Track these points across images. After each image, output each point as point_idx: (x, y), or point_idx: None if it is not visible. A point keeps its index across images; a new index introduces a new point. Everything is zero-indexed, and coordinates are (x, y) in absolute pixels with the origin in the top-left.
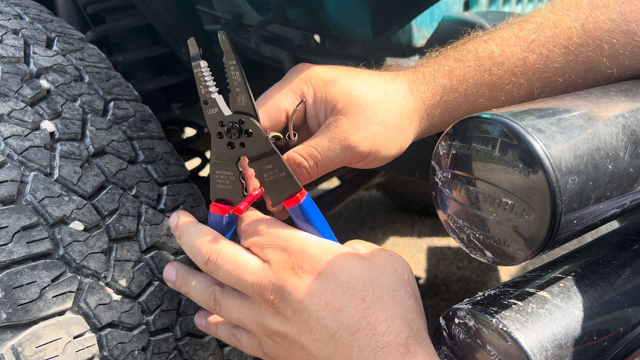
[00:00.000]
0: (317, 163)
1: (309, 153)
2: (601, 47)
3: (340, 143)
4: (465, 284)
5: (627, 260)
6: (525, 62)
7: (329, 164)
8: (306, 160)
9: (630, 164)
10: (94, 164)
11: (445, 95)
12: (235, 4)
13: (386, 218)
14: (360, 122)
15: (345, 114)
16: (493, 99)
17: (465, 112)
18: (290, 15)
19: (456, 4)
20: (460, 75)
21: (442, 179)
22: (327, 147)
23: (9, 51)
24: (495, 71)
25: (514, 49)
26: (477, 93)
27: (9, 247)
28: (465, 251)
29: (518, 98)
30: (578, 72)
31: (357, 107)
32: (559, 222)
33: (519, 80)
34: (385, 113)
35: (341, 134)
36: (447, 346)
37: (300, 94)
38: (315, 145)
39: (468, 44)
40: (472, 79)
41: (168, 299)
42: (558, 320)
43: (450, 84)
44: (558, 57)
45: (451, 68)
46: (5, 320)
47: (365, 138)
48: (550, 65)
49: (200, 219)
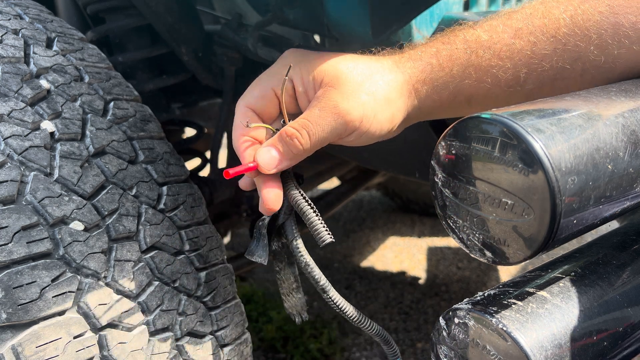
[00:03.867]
0: (310, 134)
1: (301, 124)
2: (589, 37)
3: (331, 111)
4: (465, 284)
5: (627, 260)
6: (511, 48)
7: (321, 134)
8: (298, 131)
9: (630, 164)
10: (94, 164)
11: (432, 73)
12: (235, 4)
13: (386, 218)
14: (349, 92)
15: (333, 85)
16: (479, 80)
17: (451, 93)
18: (290, 16)
19: (456, 4)
20: (447, 55)
21: (442, 179)
22: (318, 116)
23: (9, 51)
24: (482, 53)
25: (501, 35)
26: (464, 73)
27: (9, 247)
28: (465, 251)
29: (504, 82)
30: (566, 59)
31: (344, 79)
32: (558, 222)
33: (506, 64)
34: (372, 85)
35: (331, 102)
36: (447, 346)
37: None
38: (307, 116)
39: (456, 30)
40: (459, 60)
41: (168, 299)
42: (558, 320)
43: (437, 63)
44: (545, 45)
45: (438, 49)
46: (5, 320)
47: (355, 106)
48: (537, 52)
49: (200, 219)
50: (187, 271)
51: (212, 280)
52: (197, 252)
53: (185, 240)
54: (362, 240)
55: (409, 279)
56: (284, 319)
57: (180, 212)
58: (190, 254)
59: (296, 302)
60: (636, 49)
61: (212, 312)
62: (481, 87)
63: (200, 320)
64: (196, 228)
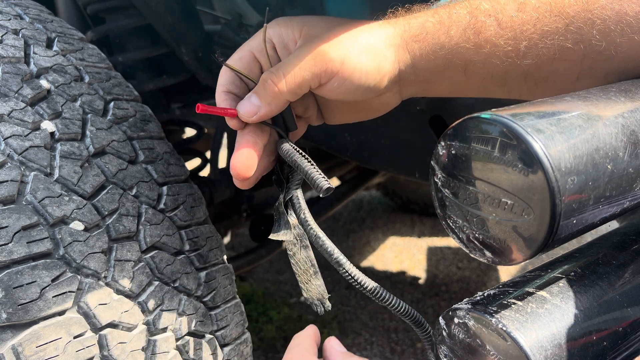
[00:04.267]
0: (285, 74)
1: (276, 67)
2: (592, 20)
3: (309, 51)
4: (465, 284)
5: (627, 260)
6: (513, 19)
7: (298, 73)
8: (274, 72)
9: (630, 164)
10: (94, 164)
11: (427, 31)
12: (235, 4)
13: (386, 218)
14: (330, 37)
15: (314, 33)
16: (477, 45)
17: (447, 54)
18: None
19: None
20: (446, 15)
21: (441, 179)
22: (295, 56)
23: (9, 51)
24: (483, 19)
25: (504, 7)
26: (462, 36)
27: (9, 247)
28: (465, 251)
29: (503, 52)
30: (567, 39)
31: (325, 28)
32: (558, 222)
33: (506, 33)
34: (357, 32)
35: (309, 46)
36: (447, 346)
37: (268, 37)
38: (287, 61)
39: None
40: (458, 22)
41: (168, 299)
42: (557, 320)
43: (434, 21)
44: (548, 21)
45: (437, 10)
46: (5, 320)
47: (334, 47)
48: (539, 27)
49: (200, 219)
50: (187, 271)
51: (212, 280)
52: (197, 252)
53: (185, 240)
54: (362, 240)
55: (409, 279)
56: (284, 319)
57: (180, 212)
58: (190, 254)
59: (316, 289)
60: (637, 39)
61: (212, 312)
62: (479, 54)
63: (200, 320)
64: (196, 228)
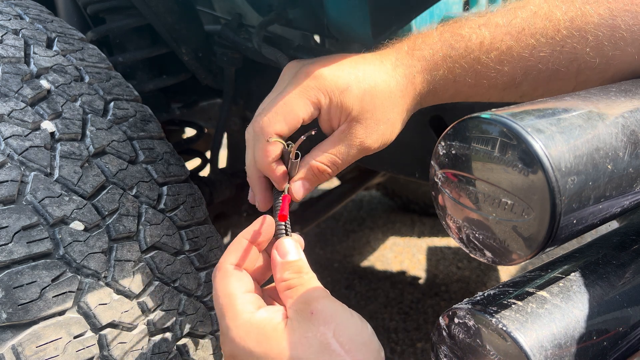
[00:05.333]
0: (338, 167)
1: (330, 160)
2: (586, 38)
3: (357, 148)
4: (465, 284)
5: (627, 260)
6: (511, 51)
7: (346, 165)
8: (329, 167)
9: (630, 164)
10: (94, 164)
11: (436, 84)
12: (235, 4)
13: (386, 218)
14: (372, 126)
15: (359, 121)
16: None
17: (450, 95)
18: (290, 16)
19: (456, 4)
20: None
21: (442, 179)
22: (346, 152)
23: (9, 51)
24: (484, 59)
25: (504, 37)
26: (464, 81)
27: (9, 247)
28: (465, 251)
29: (501, 84)
30: (561, 61)
31: (368, 113)
32: (558, 222)
33: (504, 68)
34: (390, 111)
35: (357, 140)
36: (447, 346)
37: (316, 102)
38: (335, 153)
39: (463, 28)
40: (461, 68)
41: (168, 298)
42: (557, 320)
43: (441, 74)
44: (544, 47)
45: (444, 55)
46: (5, 320)
47: (376, 139)
48: (535, 54)
49: (200, 219)
50: (187, 271)
51: (212, 280)
52: (197, 252)
53: (185, 240)
54: (362, 240)
55: (408, 279)
56: None
57: (180, 212)
58: (190, 254)
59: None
60: (630, 51)
61: (212, 312)
62: (479, 90)
63: (200, 320)
64: (196, 228)
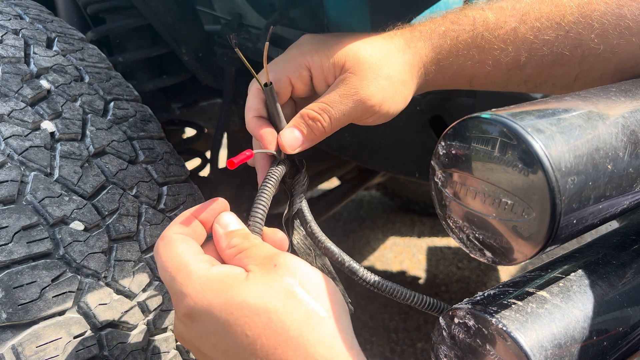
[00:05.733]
0: (331, 117)
1: (322, 108)
2: (591, 25)
3: (352, 98)
4: (465, 284)
5: (627, 260)
6: (516, 32)
7: (341, 117)
8: (320, 114)
9: (630, 164)
10: (94, 164)
11: (440, 54)
12: (235, 4)
13: (386, 218)
14: (369, 78)
15: (354, 72)
16: (481, 62)
17: (455, 72)
18: (291, 16)
19: (456, 4)
20: (453, 36)
21: (442, 179)
22: (339, 101)
23: (9, 51)
24: (487, 36)
25: (508, 19)
26: (467, 55)
27: (9, 247)
28: (465, 251)
29: (505, 64)
30: (566, 46)
31: (364, 65)
32: (558, 222)
33: (508, 48)
34: (390, 69)
35: (352, 89)
36: (447, 346)
37: (305, 64)
38: (327, 100)
39: (467, 9)
40: (464, 42)
41: (168, 299)
42: (557, 320)
43: (445, 44)
44: (549, 31)
45: (447, 29)
46: (5, 320)
47: (375, 92)
48: (540, 37)
49: None
50: None
51: None
52: None
53: None
54: (362, 240)
55: (409, 279)
56: None
57: (180, 212)
58: None
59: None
60: (635, 41)
61: None
62: (483, 69)
63: None
64: None
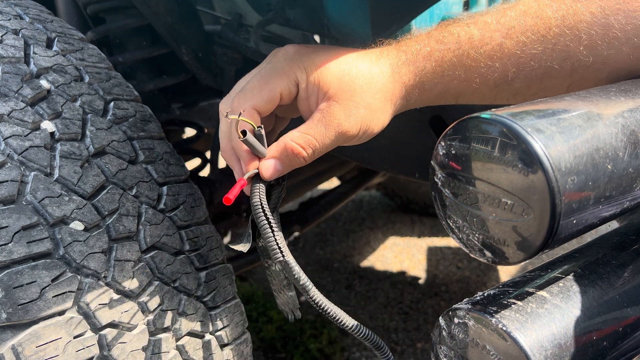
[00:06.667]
0: (315, 151)
1: (307, 142)
2: (579, 37)
3: (335, 130)
4: (465, 284)
5: (627, 260)
6: (502, 47)
7: (323, 149)
8: (305, 149)
9: (630, 164)
10: (94, 164)
11: (423, 77)
12: (235, 4)
13: (386, 218)
14: (351, 108)
15: (337, 100)
16: (468, 80)
17: (440, 92)
18: (290, 16)
19: (456, 4)
20: (439, 57)
21: (441, 179)
22: (323, 134)
23: (9, 51)
24: (473, 54)
25: (493, 34)
26: (453, 75)
27: (9, 247)
28: (465, 251)
29: (492, 81)
30: (555, 59)
31: (347, 93)
32: (558, 222)
33: (494, 64)
34: (371, 97)
35: (335, 121)
36: (447, 346)
37: (294, 78)
38: (312, 134)
39: (452, 26)
40: (450, 62)
41: (168, 298)
42: (557, 320)
43: (430, 67)
44: (535, 44)
45: (432, 49)
46: (5, 320)
47: (355, 123)
48: (526, 52)
49: (200, 219)
50: (187, 271)
51: (212, 280)
52: (197, 252)
53: (185, 240)
54: (362, 240)
55: (409, 279)
56: (284, 319)
57: (180, 212)
58: (190, 254)
59: (287, 299)
60: (625, 51)
61: (212, 312)
62: (469, 86)
63: (200, 320)
64: (196, 228)
